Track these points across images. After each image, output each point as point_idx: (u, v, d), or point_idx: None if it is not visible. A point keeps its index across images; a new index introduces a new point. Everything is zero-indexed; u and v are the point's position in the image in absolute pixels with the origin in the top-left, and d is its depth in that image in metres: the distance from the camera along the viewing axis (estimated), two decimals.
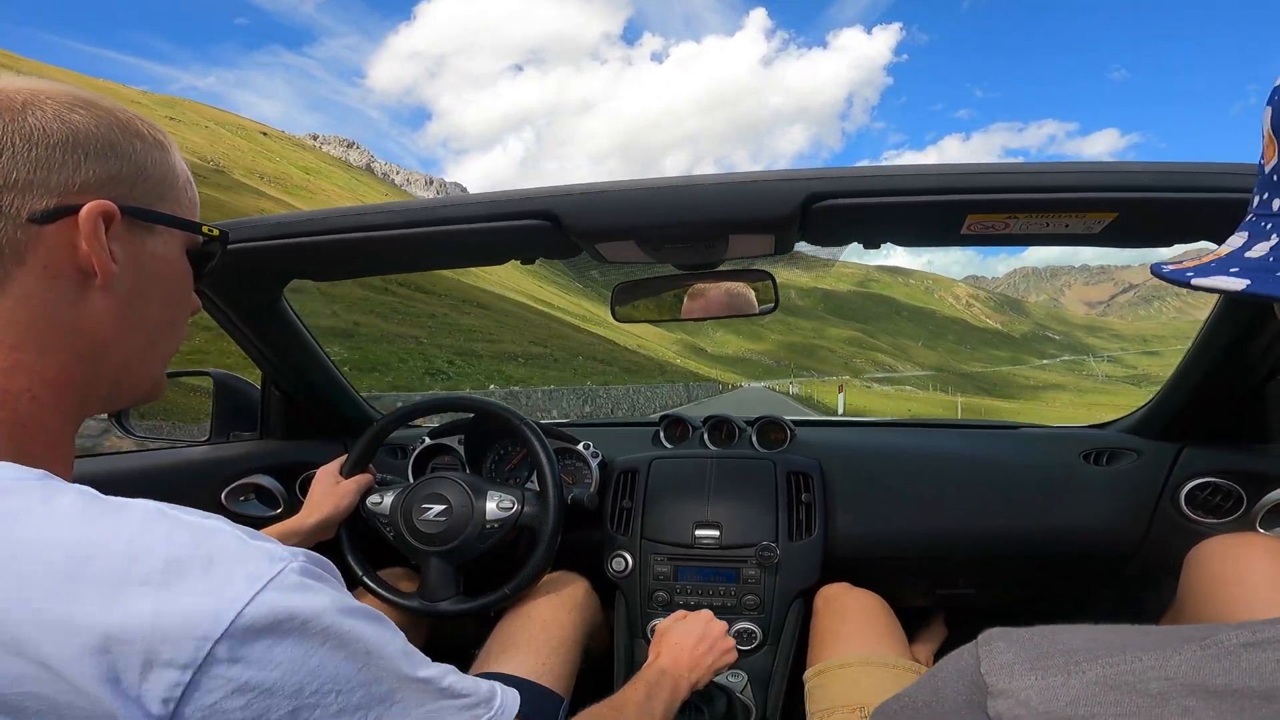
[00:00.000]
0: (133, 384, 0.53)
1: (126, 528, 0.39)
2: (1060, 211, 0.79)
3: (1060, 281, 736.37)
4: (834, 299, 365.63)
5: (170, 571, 0.37)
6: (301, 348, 1.32)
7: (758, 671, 1.24)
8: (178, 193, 0.53)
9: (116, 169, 0.47)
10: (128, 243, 0.48)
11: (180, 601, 0.37)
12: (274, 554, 0.41)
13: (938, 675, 0.40)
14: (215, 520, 0.42)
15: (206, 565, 0.38)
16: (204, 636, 0.36)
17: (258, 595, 0.38)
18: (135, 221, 0.49)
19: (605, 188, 0.88)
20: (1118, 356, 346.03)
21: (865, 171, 0.83)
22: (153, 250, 0.51)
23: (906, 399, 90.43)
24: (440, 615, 1.13)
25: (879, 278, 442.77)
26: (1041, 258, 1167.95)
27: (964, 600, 1.49)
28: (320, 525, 1.12)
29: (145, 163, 0.49)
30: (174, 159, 0.53)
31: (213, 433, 1.43)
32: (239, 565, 0.39)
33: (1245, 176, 0.74)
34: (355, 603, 0.44)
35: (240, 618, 0.37)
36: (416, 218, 0.93)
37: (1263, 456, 1.14)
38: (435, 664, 0.49)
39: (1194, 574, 1.01)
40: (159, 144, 0.51)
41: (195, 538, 0.39)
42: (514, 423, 1.21)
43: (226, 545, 0.40)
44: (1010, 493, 1.34)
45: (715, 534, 1.30)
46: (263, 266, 1.07)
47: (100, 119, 0.47)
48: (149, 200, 0.50)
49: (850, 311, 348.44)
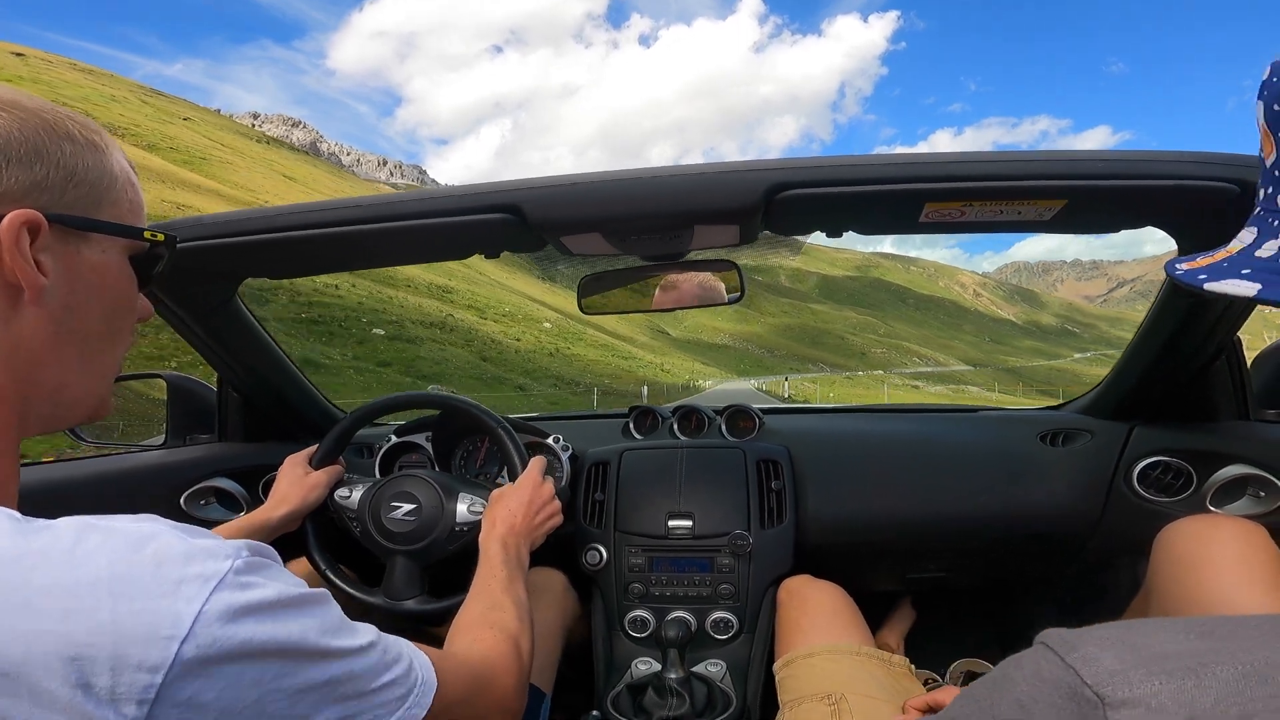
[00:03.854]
0: (73, 402, 0.50)
1: (61, 544, 0.38)
2: (1013, 199, 0.82)
3: (1052, 277, 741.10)
4: (832, 284, 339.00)
5: (119, 579, 0.37)
6: (258, 348, 1.29)
7: (736, 660, 1.25)
8: (116, 195, 0.50)
9: (42, 175, 0.45)
10: (59, 253, 0.46)
11: (137, 604, 0.37)
12: (217, 550, 0.41)
13: (1013, 690, 0.36)
14: (149, 522, 0.41)
15: (155, 568, 0.38)
16: (170, 636, 0.36)
17: (214, 593, 0.38)
18: (67, 230, 0.46)
19: (569, 180, 0.87)
20: None
21: (827, 162, 0.84)
22: (89, 259, 0.48)
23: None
24: (404, 615, 1.11)
25: (879, 263, 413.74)
26: (1030, 252, 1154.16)
27: (933, 583, 1.52)
28: (288, 517, 1.10)
29: (76, 166, 0.47)
30: (110, 160, 0.50)
31: (169, 436, 1.38)
32: (187, 565, 0.39)
33: (1187, 164, 0.77)
34: (297, 589, 0.44)
35: (201, 616, 0.37)
36: (376, 213, 0.91)
37: (1210, 435, 1.19)
38: (370, 631, 0.50)
39: (1164, 555, 1.04)
40: (92, 145, 0.48)
41: (134, 543, 0.39)
42: (482, 418, 1.20)
43: (170, 545, 0.40)
44: (974, 475, 1.38)
45: (688, 524, 1.31)
46: (215, 265, 1.04)
47: (24, 121, 0.44)
48: (83, 206, 0.47)
49: (850, 298, 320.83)
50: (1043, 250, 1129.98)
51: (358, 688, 0.46)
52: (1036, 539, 1.37)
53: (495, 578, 0.87)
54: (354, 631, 0.48)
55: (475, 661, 0.67)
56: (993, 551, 1.43)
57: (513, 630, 0.77)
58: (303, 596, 0.44)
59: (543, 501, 1.05)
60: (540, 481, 1.07)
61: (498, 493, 1.05)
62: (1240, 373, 1.14)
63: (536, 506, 1.03)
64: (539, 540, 1.03)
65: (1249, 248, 0.44)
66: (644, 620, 1.29)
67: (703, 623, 1.28)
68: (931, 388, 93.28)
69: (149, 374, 1.45)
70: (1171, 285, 1.02)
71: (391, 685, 0.49)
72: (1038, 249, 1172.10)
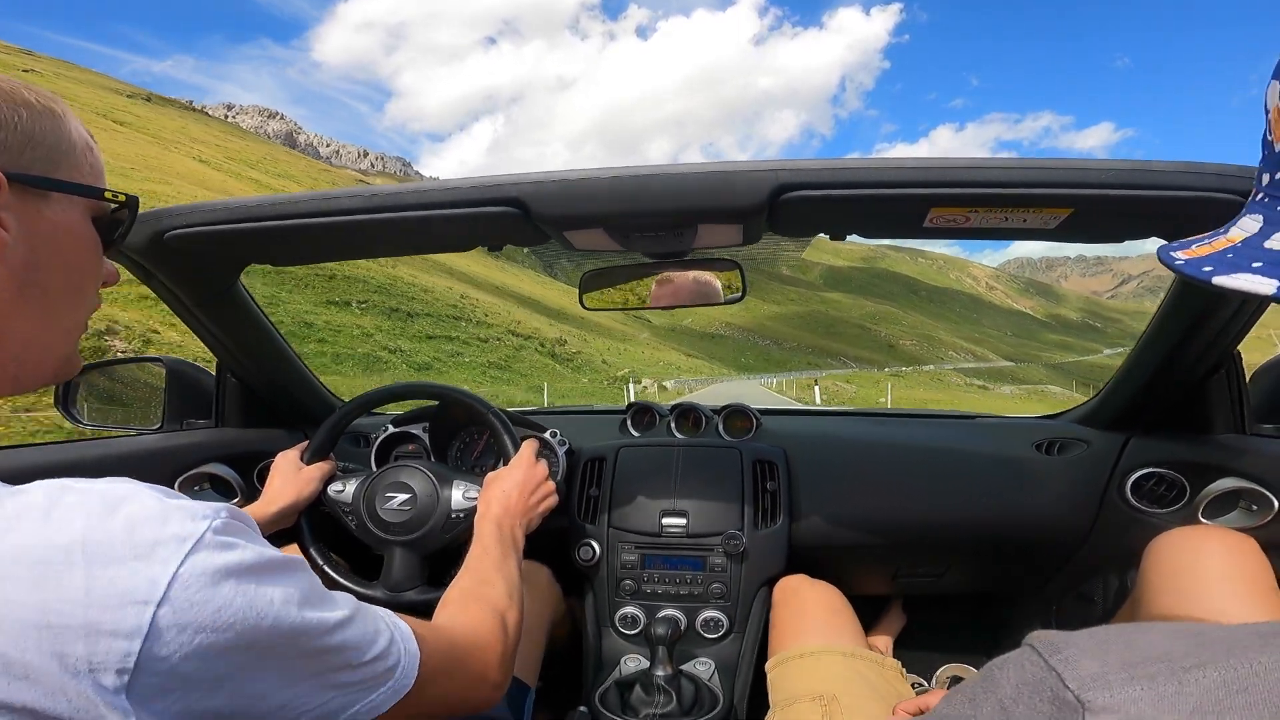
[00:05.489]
0: (38, 360, 0.51)
1: (35, 508, 0.37)
2: (1019, 206, 0.82)
3: (1056, 273, 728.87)
4: (838, 275, 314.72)
5: (93, 543, 0.36)
6: (259, 334, 1.29)
7: (725, 660, 1.25)
8: (76, 159, 0.51)
9: (1, 139, 0.46)
10: (20, 211, 0.47)
11: (111, 570, 0.36)
12: (195, 511, 0.40)
13: (995, 692, 0.36)
14: (125, 483, 0.41)
15: (129, 530, 0.37)
16: (144, 601, 0.36)
17: (189, 555, 0.38)
18: (27, 189, 0.47)
19: (575, 175, 0.87)
20: None
21: (833, 164, 0.84)
22: (50, 218, 0.49)
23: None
24: (405, 606, 1.11)
25: (886, 254, 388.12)
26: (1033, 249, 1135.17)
27: (923, 588, 1.53)
28: (282, 514, 1.10)
29: (34, 131, 0.48)
30: (68, 126, 0.51)
31: (165, 421, 1.38)
32: (163, 526, 0.38)
33: (1195, 175, 0.77)
34: (276, 554, 0.44)
35: (176, 580, 0.37)
36: (381, 203, 0.91)
37: (1204, 447, 1.19)
38: (348, 602, 0.50)
39: (1153, 565, 1.04)
40: (49, 112, 0.50)
41: (109, 504, 0.38)
42: (480, 410, 1.20)
43: (145, 506, 0.39)
44: (968, 482, 1.38)
45: (682, 523, 1.31)
46: (219, 251, 1.04)
47: None
48: (41, 167, 0.48)
49: (859, 289, 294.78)
50: (1044, 246, 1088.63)
51: (343, 660, 0.46)
52: (1028, 546, 1.38)
53: (488, 555, 0.87)
54: (333, 602, 0.47)
55: (458, 633, 0.67)
56: (984, 558, 1.43)
57: (500, 605, 0.77)
58: (284, 560, 0.44)
59: (537, 482, 1.05)
60: (534, 463, 1.07)
61: (492, 475, 1.05)
62: (1239, 386, 1.14)
63: (530, 487, 1.03)
64: (535, 522, 1.02)
65: (1254, 238, 0.41)
66: (634, 617, 1.30)
67: (693, 621, 1.28)
68: (1002, 388, 71.40)
69: (148, 358, 1.45)
70: (1176, 292, 1.02)
71: (375, 659, 0.49)
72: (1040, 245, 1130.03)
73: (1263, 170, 0.44)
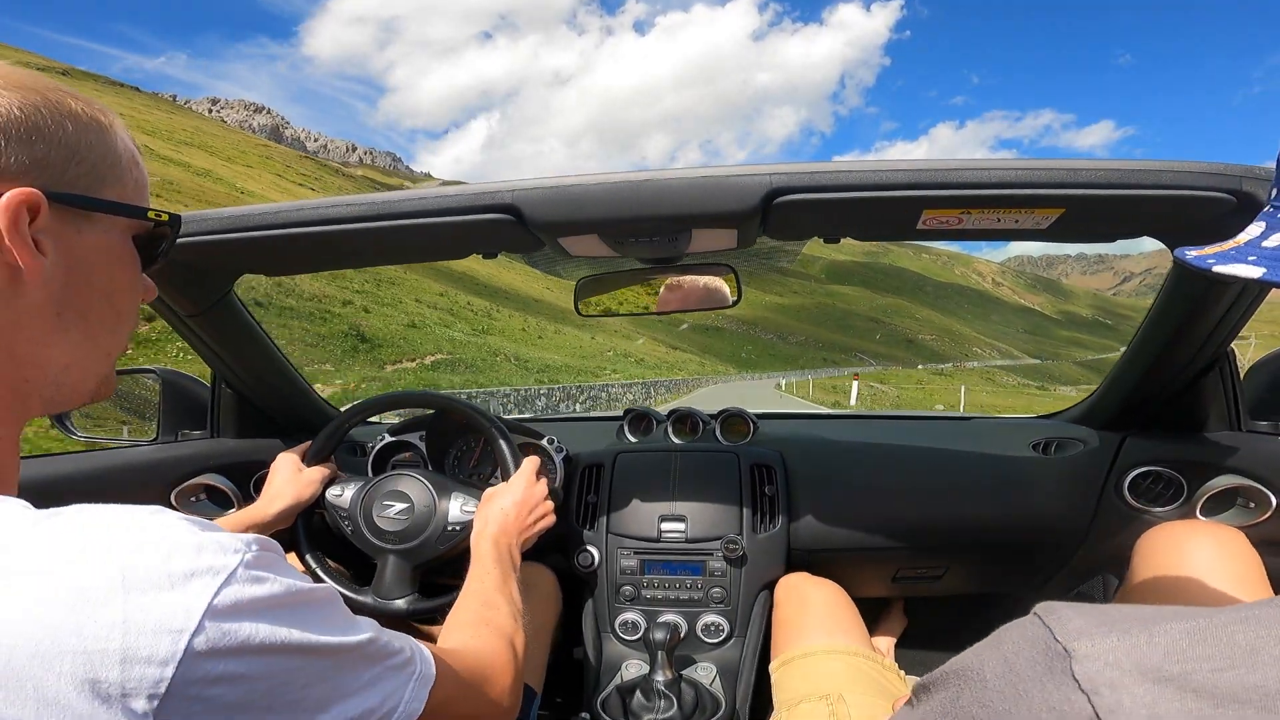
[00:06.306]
0: (77, 383, 0.50)
1: (71, 534, 0.38)
2: (1011, 208, 0.82)
3: (1057, 271, 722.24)
4: (841, 269, 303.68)
5: (130, 569, 0.37)
6: (254, 344, 1.28)
7: (726, 664, 1.25)
8: (121, 174, 0.49)
9: (43, 153, 0.44)
10: (59, 233, 0.45)
11: (148, 597, 0.36)
12: (227, 545, 0.41)
13: (1001, 648, 0.41)
14: (160, 513, 0.41)
15: (165, 560, 0.38)
16: (179, 630, 0.36)
17: (223, 587, 0.38)
18: (68, 209, 0.46)
19: (569, 181, 0.87)
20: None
21: (826, 167, 0.84)
22: (91, 239, 0.48)
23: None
24: (393, 614, 1.11)
25: (889, 249, 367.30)
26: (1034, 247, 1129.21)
27: (923, 590, 1.53)
28: (283, 514, 1.10)
29: (79, 145, 0.46)
30: (115, 139, 0.49)
31: (160, 432, 1.37)
32: (198, 557, 0.39)
33: (1183, 174, 0.77)
34: (304, 584, 0.44)
35: (210, 610, 0.37)
36: (375, 212, 0.91)
37: (1200, 445, 1.19)
38: (371, 626, 0.50)
39: (1142, 559, 1.05)
40: (96, 124, 0.48)
41: (144, 534, 0.39)
42: (477, 419, 1.20)
43: (181, 538, 0.39)
44: (966, 483, 1.38)
45: (681, 527, 1.31)
46: (213, 261, 1.04)
47: (26, 100, 0.44)
48: (85, 185, 0.47)
49: (864, 284, 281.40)
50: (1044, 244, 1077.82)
51: (363, 681, 0.47)
52: (1027, 547, 1.38)
53: (489, 576, 0.87)
54: (357, 627, 0.48)
55: (471, 659, 0.67)
56: (983, 559, 1.43)
57: (507, 630, 0.77)
58: (311, 591, 0.44)
59: (535, 501, 1.05)
60: (533, 481, 1.07)
61: (490, 492, 1.05)
62: (1233, 383, 1.15)
63: (529, 506, 1.03)
64: (531, 541, 1.03)
65: (1256, 239, 0.48)
66: (634, 623, 1.29)
67: (693, 626, 1.28)
68: (1061, 388, 64.67)
69: (142, 369, 1.44)
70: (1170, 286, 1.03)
71: (394, 678, 0.50)
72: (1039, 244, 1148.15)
73: (1274, 185, 0.52)
